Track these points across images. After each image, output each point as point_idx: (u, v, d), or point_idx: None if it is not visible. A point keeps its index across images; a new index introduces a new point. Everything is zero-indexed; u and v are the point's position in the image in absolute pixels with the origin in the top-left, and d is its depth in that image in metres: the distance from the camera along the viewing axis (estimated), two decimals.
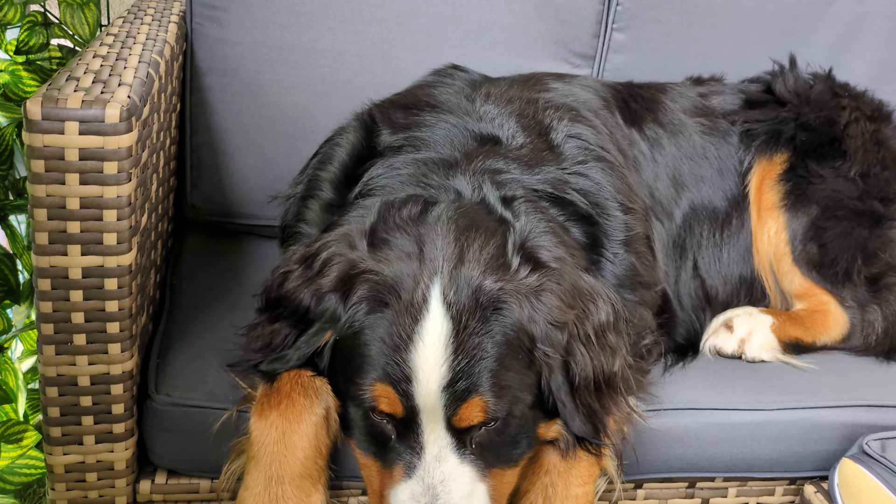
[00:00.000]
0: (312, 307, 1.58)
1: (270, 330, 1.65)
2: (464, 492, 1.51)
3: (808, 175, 2.13)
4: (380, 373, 1.50)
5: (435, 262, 1.54)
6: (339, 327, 1.56)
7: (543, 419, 1.60)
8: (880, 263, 2.11)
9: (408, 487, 1.50)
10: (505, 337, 1.51)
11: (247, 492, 1.58)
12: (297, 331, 1.62)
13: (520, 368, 1.53)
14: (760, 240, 2.15)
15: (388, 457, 1.53)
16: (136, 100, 1.56)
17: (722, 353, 2.04)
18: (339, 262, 1.58)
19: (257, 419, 1.62)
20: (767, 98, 2.28)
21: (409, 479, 1.50)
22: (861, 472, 1.76)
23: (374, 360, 1.50)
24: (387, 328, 1.51)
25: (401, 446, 1.52)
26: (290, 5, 2.30)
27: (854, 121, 2.21)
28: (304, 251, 1.66)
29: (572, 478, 1.65)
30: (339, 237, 1.63)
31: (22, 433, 2.00)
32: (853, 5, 2.54)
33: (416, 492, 1.50)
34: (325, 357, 1.61)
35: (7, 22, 2.29)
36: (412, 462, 1.51)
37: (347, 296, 1.55)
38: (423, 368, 1.47)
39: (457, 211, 1.64)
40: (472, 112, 1.96)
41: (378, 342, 1.51)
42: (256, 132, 2.33)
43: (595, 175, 1.86)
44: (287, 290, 1.63)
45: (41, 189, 1.51)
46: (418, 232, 1.60)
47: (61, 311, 1.58)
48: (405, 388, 1.48)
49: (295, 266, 1.65)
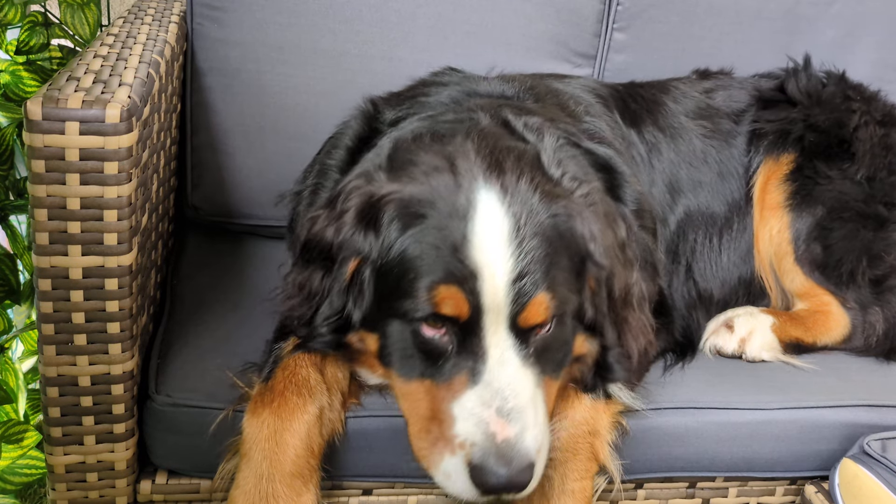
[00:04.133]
0: (336, 243, 1.56)
1: (304, 276, 1.63)
2: (530, 395, 1.48)
3: (815, 176, 2.13)
4: (441, 275, 1.46)
5: (472, 172, 1.52)
6: (375, 254, 1.53)
7: (580, 330, 1.60)
8: (884, 266, 2.11)
9: (474, 394, 1.46)
10: (562, 242, 1.52)
11: (237, 490, 1.59)
12: (329, 273, 1.59)
13: (572, 275, 1.54)
14: (762, 239, 2.14)
15: (444, 370, 1.48)
16: (136, 100, 1.56)
17: (722, 353, 2.04)
18: (357, 194, 1.57)
19: (250, 417, 1.62)
20: (779, 97, 2.28)
21: (474, 385, 1.46)
22: (862, 472, 1.76)
23: (431, 266, 1.46)
24: (435, 235, 1.48)
25: (461, 355, 1.48)
26: (290, 6, 2.30)
27: (864, 124, 2.21)
28: (329, 195, 1.66)
29: (569, 472, 1.65)
30: (357, 175, 1.63)
31: (22, 433, 2.00)
32: (854, 5, 2.54)
33: (485, 396, 1.45)
34: (365, 294, 1.56)
35: (7, 22, 2.29)
36: (476, 368, 1.47)
37: (374, 223, 1.53)
38: (489, 264, 1.45)
39: (481, 132, 1.62)
40: (476, 82, 1.97)
41: (430, 248, 1.48)
42: (257, 132, 2.33)
43: (608, 149, 1.88)
44: (314, 232, 1.61)
45: (42, 189, 1.51)
46: (444, 150, 1.59)
47: (62, 312, 1.59)
48: (471, 285, 1.45)
49: (321, 211, 1.64)
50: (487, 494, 1.45)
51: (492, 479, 1.42)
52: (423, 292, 1.47)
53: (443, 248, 1.47)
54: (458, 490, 1.47)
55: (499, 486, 1.43)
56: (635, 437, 1.80)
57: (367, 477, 1.79)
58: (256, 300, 2.06)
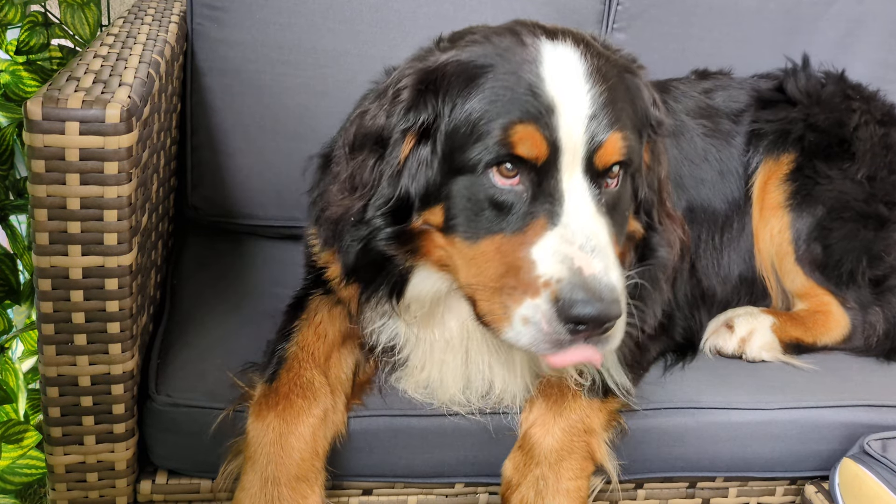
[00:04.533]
0: (389, 125, 1.52)
1: (353, 169, 1.57)
2: (608, 240, 1.46)
3: (815, 176, 2.13)
4: (517, 114, 1.44)
5: (534, 34, 1.53)
6: (437, 118, 1.51)
7: (631, 207, 1.61)
8: (884, 266, 2.11)
9: (555, 234, 1.43)
10: (629, 95, 1.54)
11: (243, 492, 1.58)
12: (381, 159, 1.54)
13: (635, 132, 1.54)
14: (762, 239, 2.14)
15: (518, 219, 1.45)
16: (136, 100, 1.56)
17: (723, 353, 2.04)
18: (411, 72, 1.55)
19: (254, 420, 1.62)
20: (779, 97, 2.28)
21: (553, 227, 1.44)
22: (862, 472, 1.76)
23: (505, 107, 1.45)
24: (505, 81, 1.47)
25: (536, 202, 1.45)
26: (290, 6, 2.30)
27: (864, 124, 2.21)
28: (377, 88, 1.62)
29: (564, 470, 1.65)
30: (407, 62, 1.60)
31: (23, 433, 2.00)
32: (853, 5, 2.54)
33: (566, 235, 1.43)
34: (425, 166, 1.52)
35: (8, 22, 2.29)
36: (554, 211, 1.44)
37: (434, 90, 1.51)
38: (566, 100, 1.44)
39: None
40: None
41: (501, 92, 1.47)
42: (257, 132, 2.33)
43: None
44: (364, 123, 1.58)
45: (42, 189, 1.51)
46: (500, 27, 1.59)
47: (62, 312, 1.59)
48: (548, 123, 1.43)
49: (368, 104, 1.61)
50: (575, 331, 1.39)
51: (582, 310, 1.37)
52: (497, 133, 1.45)
53: (515, 90, 1.46)
54: (537, 333, 1.41)
55: (588, 318, 1.38)
56: (635, 436, 1.80)
57: (367, 477, 1.79)
58: (257, 300, 2.07)
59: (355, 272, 1.61)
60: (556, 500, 1.64)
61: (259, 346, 1.82)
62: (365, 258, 1.58)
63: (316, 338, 1.77)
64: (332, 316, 1.82)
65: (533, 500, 1.64)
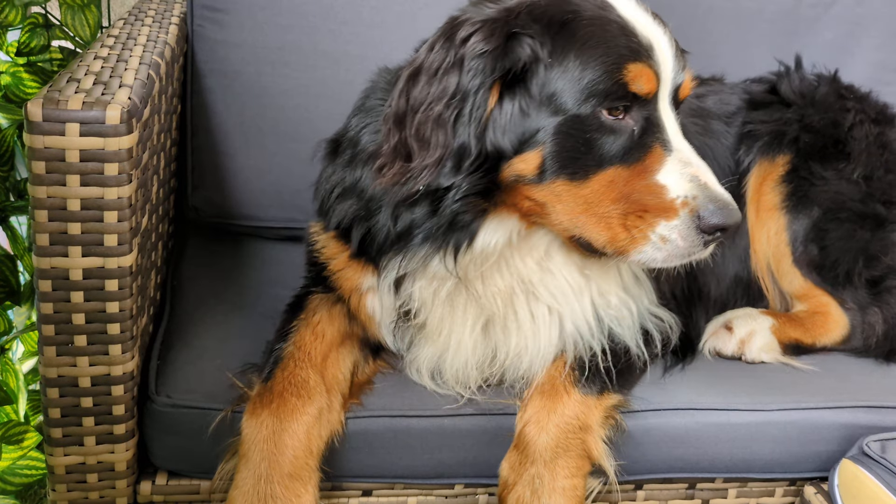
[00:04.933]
0: (464, 78, 1.51)
1: (410, 133, 1.55)
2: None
3: (811, 177, 2.13)
4: (626, 52, 1.53)
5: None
6: (528, 62, 1.53)
7: None
8: (882, 266, 2.10)
9: (674, 158, 1.57)
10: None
11: (236, 490, 1.59)
12: (459, 116, 1.53)
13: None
14: (759, 241, 2.14)
15: (634, 151, 1.56)
16: (136, 101, 1.57)
17: (722, 355, 2.04)
18: (474, 21, 1.54)
19: (249, 418, 1.62)
20: (772, 99, 2.27)
21: (669, 152, 1.57)
22: (861, 473, 1.76)
23: (610, 47, 1.53)
24: (596, 25, 1.54)
25: (646, 133, 1.56)
26: (290, 7, 2.30)
27: (858, 123, 2.20)
28: (430, 47, 1.59)
29: (559, 468, 1.65)
30: (462, 11, 1.60)
31: (23, 434, 2.00)
32: (853, 7, 2.54)
33: (682, 158, 1.57)
34: (517, 113, 1.54)
35: (8, 23, 2.30)
36: (664, 139, 1.57)
37: (523, 36, 1.53)
38: (659, 40, 1.58)
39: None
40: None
41: (600, 32, 1.54)
42: (257, 134, 2.33)
43: None
44: (421, 87, 1.55)
45: (42, 190, 1.51)
46: None
47: (62, 313, 1.59)
48: (653, 61, 1.55)
49: (418, 69, 1.57)
50: (711, 241, 1.55)
51: (721, 219, 1.52)
52: (611, 72, 1.52)
53: (611, 31, 1.55)
54: (674, 249, 1.54)
55: (727, 224, 1.53)
56: (634, 437, 1.81)
57: (366, 478, 1.79)
58: (257, 301, 2.07)
59: (398, 239, 1.65)
60: (553, 499, 1.64)
61: (259, 347, 1.82)
62: (429, 221, 1.61)
63: (313, 337, 1.77)
64: (331, 315, 1.82)
65: (529, 500, 1.64)
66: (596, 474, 1.74)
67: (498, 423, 1.76)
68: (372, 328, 1.84)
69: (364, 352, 1.86)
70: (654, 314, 1.84)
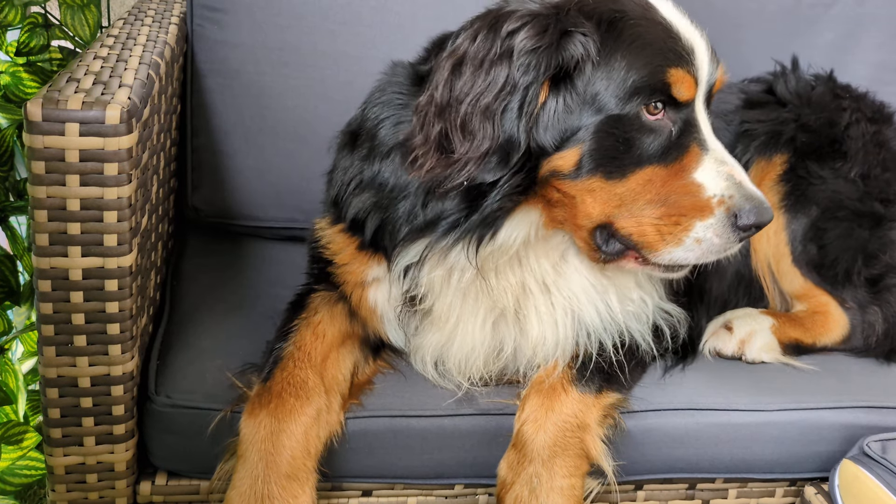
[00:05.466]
0: (514, 73, 1.51)
1: (452, 126, 1.53)
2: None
3: (808, 176, 2.13)
4: (672, 56, 1.57)
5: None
6: (578, 60, 1.53)
7: None
8: (881, 265, 2.10)
9: (710, 157, 1.59)
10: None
11: (233, 490, 1.59)
12: (505, 110, 1.52)
13: None
14: (758, 241, 2.14)
15: (672, 150, 1.58)
16: (136, 101, 1.56)
17: (722, 355, 2.03)
18: (521, 15, 1.54)
19: (247, 418, 1.62)
20: (768, 99, 2.28)
21: (706, 153, 1.60)
22: (862, 474, 1.76)
23: (655, 50, 1.56)
24: (642, 23, 1.57)
25: (684, 133, 1.59)
26: (290, 7, 2.30)
27: (855, 122, 2.21)
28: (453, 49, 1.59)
29: (557, 468, 1.65)
30: (507, 2, 1.61)
31: (22, 434, 2.00)
32: (853, 7, 2.54)
33: (717, 157, 1.60)
34: (563, 109, 1.55)
35: (8, 23, 2.30)
36: (700, 139, 1.60)
37: (574, 34, 1.53)
38: (698, 44, 1.61)
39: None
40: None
41: (645, 33, 1.56)
42: (257, 134, 2.33)
43: None
44: (464, 85, 1.54)
45: (41, 190, 1.51)
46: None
47: (62, 313, 1.59)
48: (692, 63, 1.59)
49: (461, 59, 1.56)
50: (745, 237, 1.58)
51: (757, 218, 1.56)
52: (655, 74, 1.54)
53: (655, 33, 1.57)
54: (710, 247, 1.57)
55: (762, 223, 1.57)
56: (634, 438, 1.81)
57: (366, 478, 1.79)
58: (257, 301, 2.07)
59: (425, 227, 1.65)
60: (551, 498, 1.64)
61: (259, 348, 1.82)
62: (459, 213, 1.61)
63: (314, 337, 1.77)
64: (332, 315, 1.82)
65: (527, 499, 1.64)
66: (595, 474, 1.74)
67: (498, 423, 1.76)
68: (373, 323, 1.84)
69: (364, 352, 1.86)
70: (663, 309, 1.84)
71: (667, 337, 1.85)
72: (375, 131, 1.77)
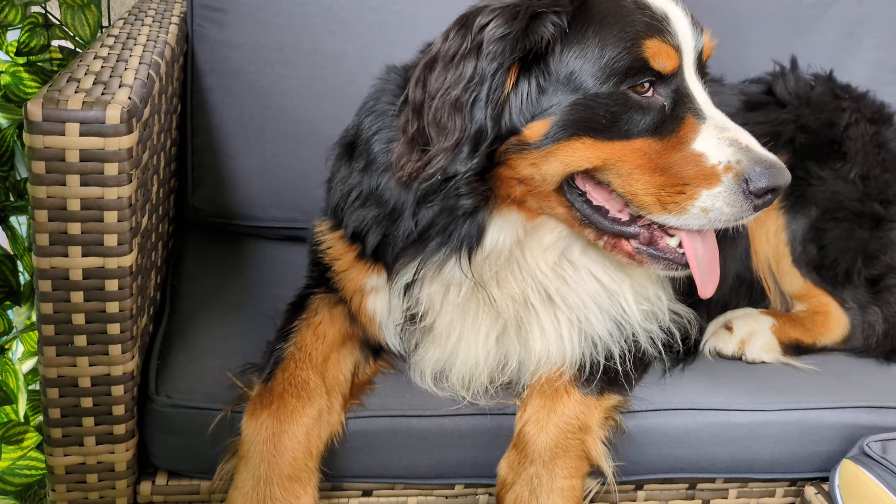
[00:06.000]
0: (481, 62, 1.50)
1: (427, 121, 1.54)
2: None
3: (808, 177, 2.13)
4: (643, 28, 1.52)
5: None
6: (553, 42, 1.52)
7: None
8: (880, 265, 2.11)
9: (709, 126, 1.55)
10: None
11: (235, 491, 1.59)
12: (476, 99, 1.51)
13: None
14: (759, 241, 2.14)
15: (667, 123, 1.54)
16: (136, 101, 1.56)
17: (722, 355, 2.03)
18: (496, 12, 1.53)
19: (248, 418, 1.62)
20: (768, 99, 2.28)
21: (703, 121, 1.55)
22: (862, 474, 1.76)
23: (627, 24, 1.52)
24: (612, 9, 1.53)
25: (676, 105, 1.55)
26: (290, 7, 2.30)
27: (854, 123, 2.21)
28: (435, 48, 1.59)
29: (557, 469, 1.65)
30: (483, 3, 1.59)
31: (23, 434, 2.00)
32: (853, 7, 2.54)
33: (717, 124, 1.56)
34: (535, 90, 1.53)
35: (8, 23, 2.30)
36: (695, 108, 1.56)
37: (541, 17, 1.52)
38: (674, 13, 1.57)
39: None
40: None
41: (614, 9, 1.53)
42: (257, 134, 2.33)
43: None
44: (435, 82, 1.54)
45: (42, 190, 1.51)
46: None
47: (62, 313, 1.59)
48: (669, 31, 1.55)
49: (433, 58, 1.56)
50: (762, 204, 1.52)
51: (771, 180, 1.50)
52: (630, 49, 1.51)
53: (625, 6, 1.54)
54: (719, 216, 1.51)
55: (777, 185, 1.51)
56: (635, 438, 1.81)
57: (366, 478, 1.79)
58: (257, 301, 2.07)
59: (417, 239, 1.64)
60: (550, 499, 1.64)
61: (259, 347, 1.82)
62: (441, 217, 1.60)
63: (315, 338, 1.77)
64: (332, 316, 1.82)
65: (527, 499, 1.64)
66: (594, 475, 1.74)
67: (498, 423, 1.76)
68: (372, 330, 1.84)
69: (365, 352, 1.86)
70: (672, 310, 1.83)
71: (677, 339, 1.83)
72: (370, 145, 1.77)
